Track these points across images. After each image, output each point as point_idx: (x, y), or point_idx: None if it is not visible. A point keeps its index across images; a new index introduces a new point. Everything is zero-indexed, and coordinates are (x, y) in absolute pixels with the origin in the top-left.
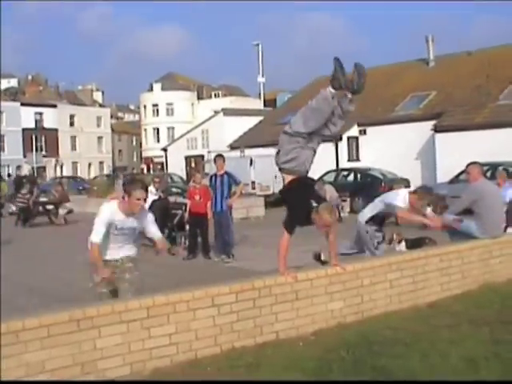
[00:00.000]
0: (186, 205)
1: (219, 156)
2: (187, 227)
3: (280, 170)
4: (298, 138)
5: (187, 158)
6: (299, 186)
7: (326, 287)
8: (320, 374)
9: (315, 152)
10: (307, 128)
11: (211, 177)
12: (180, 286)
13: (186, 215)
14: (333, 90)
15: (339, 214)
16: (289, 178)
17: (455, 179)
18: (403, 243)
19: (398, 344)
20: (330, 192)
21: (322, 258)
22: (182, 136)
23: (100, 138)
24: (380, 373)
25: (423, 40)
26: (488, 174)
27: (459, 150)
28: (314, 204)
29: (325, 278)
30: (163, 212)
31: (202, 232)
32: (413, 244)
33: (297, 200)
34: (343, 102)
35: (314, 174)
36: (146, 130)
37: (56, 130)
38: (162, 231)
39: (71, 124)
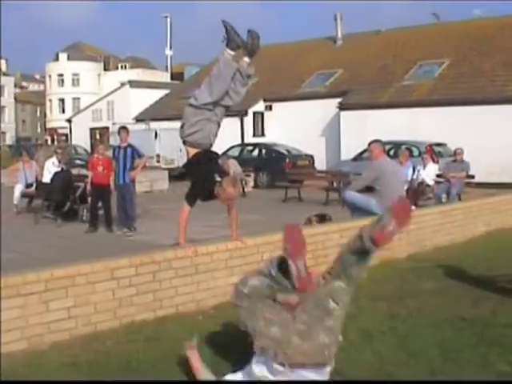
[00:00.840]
0: (88, 176)
1: (123, 128)
2: (89, 200)
3: (184, 143)
4: (204, 110)
5: (92, 130)
6: (203, 159)
7: (226, 261)
8: (220, 347)
9: (219, 125)
10: (213, 97)
11: (114, 149)
12: (80, 259)
13: (88, 187)
14: (232, 52)
15: (243, 189)
16: (193, 151)
17: (359, 156)
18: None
19: None
20: (233, 167)
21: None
22: (87, 107)
23: (3, 107)
24: None
25: (332, 18)
26: (391, 152)
27: (363, 128)
28: (218, 178)
29: (225, 252)
30: (65, 184)
31: (104, 204)
32: (320, 220)
33: (200, 173)
34: (242, 67)
35: (219, 148)
36: (51, 100)
37: None
38: (64, 203)
39: None
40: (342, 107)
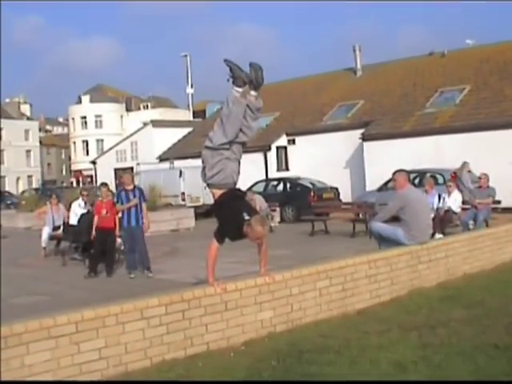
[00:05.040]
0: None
1: (124, 171)
2: (94, 244)
3: (208, 186)
4: (221, 150)
5: (117, 171)
6: (229, 199)
7: (255, 297)
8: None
9: (239, 163)
10: (228, 136)
11: (119, 192)
12: (109, 300)
13: (93, 231)
14: (239, 89)
15: (269, 224)
16: (218, 192)
17: (384, 187)
18: None
19: (328, 351)
20: (259, 202)
21: None
22: (111, 148)
23: (28, 151)
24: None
25: (351, 50)
26: (416, 181)
27: (387, 158)
28: (246, 217)
29: (254, 287)
30: (92, 225)
31: (108, 247)
32: None
33: (228, 214)
34: (250, 102)
35: (244, 184)
36: (74, 142)
37: None
38: (91, 245)
39: None
40: (365, 138)
